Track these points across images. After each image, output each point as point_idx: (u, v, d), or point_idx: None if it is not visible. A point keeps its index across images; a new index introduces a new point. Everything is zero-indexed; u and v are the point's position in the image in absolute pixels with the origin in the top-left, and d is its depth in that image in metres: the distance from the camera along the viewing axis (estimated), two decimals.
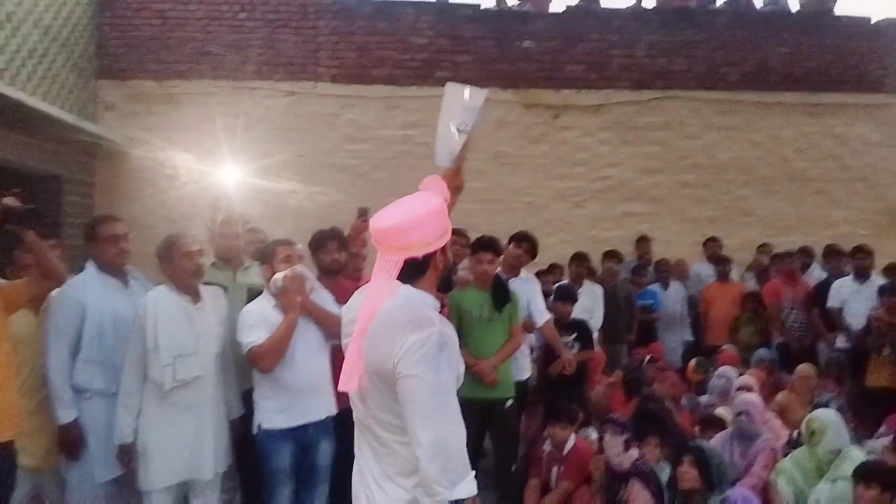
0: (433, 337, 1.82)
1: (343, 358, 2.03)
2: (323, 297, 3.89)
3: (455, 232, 2.27)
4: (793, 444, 4.50)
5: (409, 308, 1.92)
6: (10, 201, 3.00)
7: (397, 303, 1.94)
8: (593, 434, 4.90)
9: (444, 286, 2.04)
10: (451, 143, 2.26)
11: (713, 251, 7.98)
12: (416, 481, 1.84)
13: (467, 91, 2.27)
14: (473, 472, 1.83)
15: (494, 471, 4.77)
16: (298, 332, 3.64)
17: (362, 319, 1.96)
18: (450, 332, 1.90)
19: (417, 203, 2.00)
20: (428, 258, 1.99)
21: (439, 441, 1.79)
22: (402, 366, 1.82)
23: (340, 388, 1.99)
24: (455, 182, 2.29)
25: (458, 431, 1.83)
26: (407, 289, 1.98)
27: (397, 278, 1.97)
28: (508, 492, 4.62)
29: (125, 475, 3.59)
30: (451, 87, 2.30)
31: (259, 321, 3.60)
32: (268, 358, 3.53)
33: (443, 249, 2.03)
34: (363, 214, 4.46)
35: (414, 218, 1.95)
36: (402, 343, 1.82)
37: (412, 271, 1.98)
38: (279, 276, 3.64)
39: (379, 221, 1.98)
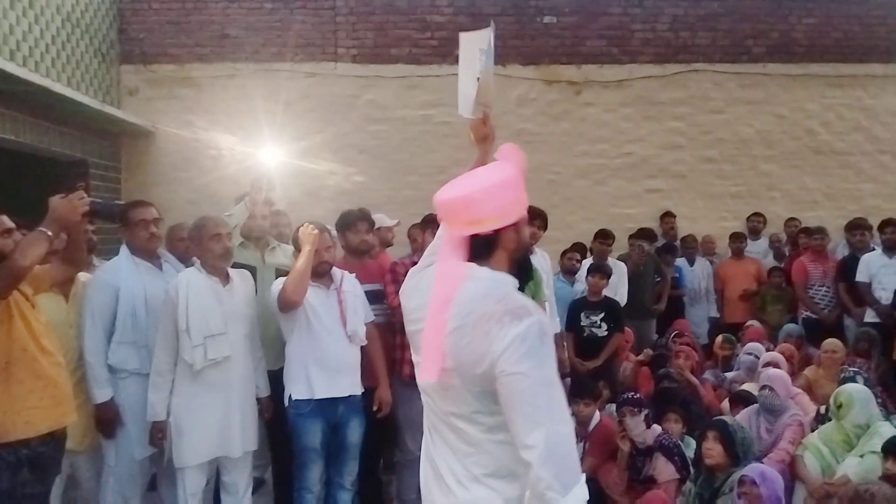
0: (534, 328, 1.63)
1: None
2: (349, 281, 3.94)
3: None
4: (820, 420, 4.48)
5: (501, 296, 1.71)
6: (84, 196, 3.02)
7: (481, 289, 1.73)
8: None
9: (522, 272, 1.84)
10: (469, 91, 2.21)
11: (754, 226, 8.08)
12: (516, 486, 1.71)
13: (478, 36, 2.22)
14: (584, 476, 1.64)
15: None
16: (320, 310, 3.73)
17: (436, 306, 1.75)
18: (546, 319, 1.71)
19: (490, 172, 1.81)
20: (498, 235, 1.77)
21: (551, 443, 1.59)
22: (505, 363, 1.62)
23: (420, 379, 1.83)
24: (481, 132, 2.22)
25: (567, 431, 1.63)
26: (484, 271, 1.77)
27: (466, 259, 1.78)
28: None
29: (161, 453, 3.68)
30: (464, 37, 2.25)
31: None
32: (290, 289, 3.57)
33: (516, 227, 1.80)
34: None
35: (484, 187, 1.75)
36: (501, 338, 1.63)
37: (480, 250, 1.78)
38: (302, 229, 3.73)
39: (446, 193, 1.80)
